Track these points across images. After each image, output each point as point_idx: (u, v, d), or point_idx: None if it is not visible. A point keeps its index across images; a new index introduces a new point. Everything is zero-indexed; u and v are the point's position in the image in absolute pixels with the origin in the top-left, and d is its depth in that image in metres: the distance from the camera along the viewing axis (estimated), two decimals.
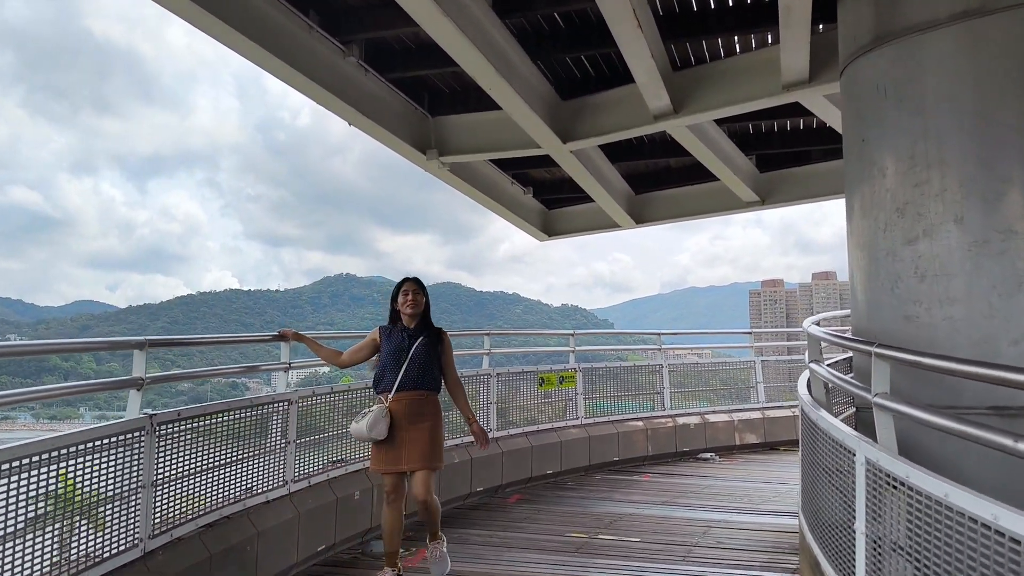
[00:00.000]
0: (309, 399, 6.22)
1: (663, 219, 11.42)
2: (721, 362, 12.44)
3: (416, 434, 5.15)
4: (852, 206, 5.32)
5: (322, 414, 6.42)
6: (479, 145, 8.48)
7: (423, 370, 5.25)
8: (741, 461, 10.82)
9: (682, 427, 11.21)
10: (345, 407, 6.84)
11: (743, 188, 9.99)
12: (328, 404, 6.51)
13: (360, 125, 7.70)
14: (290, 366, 6.21)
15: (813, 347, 5.02)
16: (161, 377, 5.32)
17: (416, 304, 5.35)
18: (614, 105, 7.84)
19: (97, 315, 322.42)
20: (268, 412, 5.75)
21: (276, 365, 6.24)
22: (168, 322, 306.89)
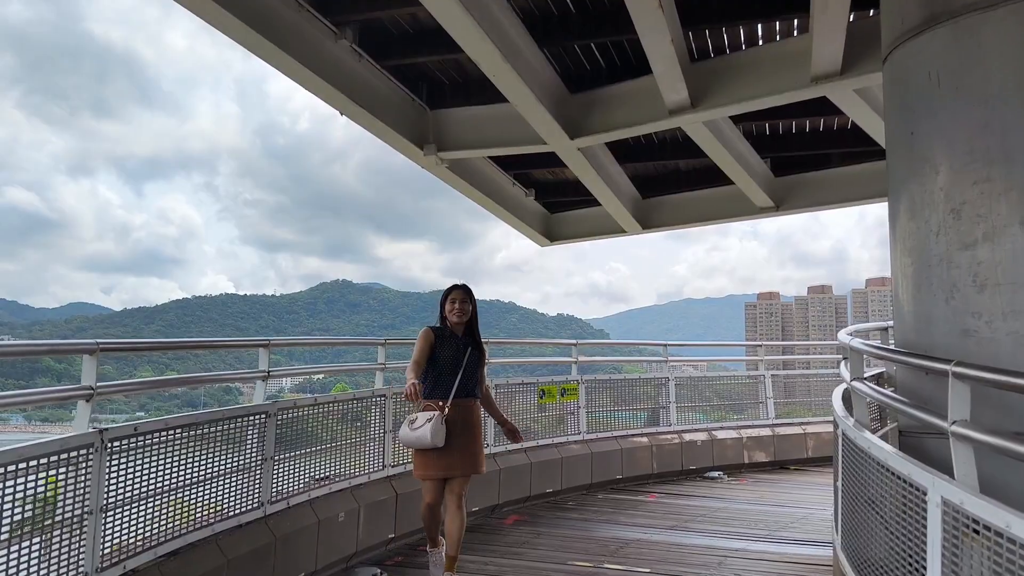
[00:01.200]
0: (290, 411, 5.65)
1: (671, 224, 10.88)
2: (729, 376, 11.88)
3: (466, 440, 5.25)
4: (897, 207, 4.77)
5: (306, 427, 5.85)
6: (480, 141, 7.93)
7: (474, 378, 5.39)
8: (751, 481, 10.24)
9: (688, 444, 10.65)
10: (334, 418, 6.28)
11: (758, 192, 9.46)
12: (312, 416, 5.94)
13: (353, 115, 7.15)
14: (268, 374, 5.64)
15: (855, 363, 4.46)
16: (113, 387, 4.73)
17: (463, 312, 5.39)
18: (626, 99, 7.30)
19: (92, 317, 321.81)
20: (242, 426, 5.18)
21: (254, 373, 5.68)
22: (163, 325, 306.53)
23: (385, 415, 6.87)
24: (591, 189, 9.51)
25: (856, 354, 4.44)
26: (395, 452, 6.96)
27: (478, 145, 7.94)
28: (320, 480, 6.06)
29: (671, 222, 10.86)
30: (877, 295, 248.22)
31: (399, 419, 7.11)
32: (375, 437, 6.74)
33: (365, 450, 6.60)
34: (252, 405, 5.31)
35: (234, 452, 5.06)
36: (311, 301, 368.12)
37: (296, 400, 5.77)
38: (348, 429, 6.41)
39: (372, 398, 6.77)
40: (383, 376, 7.25)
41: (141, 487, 4.25)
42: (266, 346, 5.65)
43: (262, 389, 5.56)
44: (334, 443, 6.18)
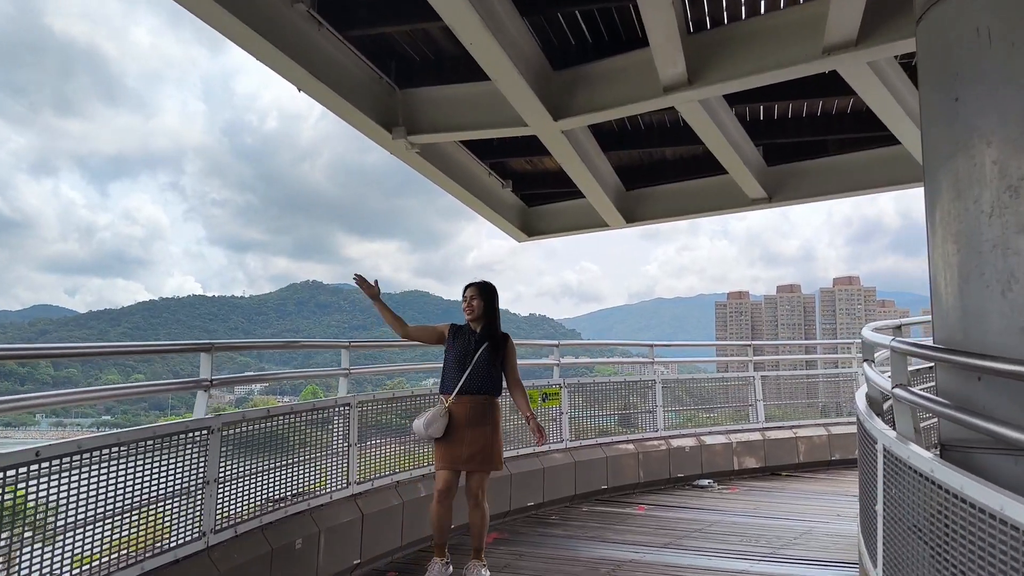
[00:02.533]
0: (237, 425, 4.91)
1: (657, 218, 10.24)
2: (718, 377, 11.29)
3: (476, 436, 5.37)
4: (937, 187, 4.14)
5: (255, 443, 5.11)
6: (454, 123, 7.23)
7: (486, 374, 5.45)
8: (743, 490, 9.64)
9: (676, 450, 10.03)
10: (299, 432, 5.56)
11: (751, 182, 8.85)
12: (263, 430, 5.20)
13: (313, 91, 6.41)
14: (211, 383, 4.89)
15: (898, 366, 3.82)
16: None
17: (471, 309, 5.62)
18: (615, 76, 6.64)
19: (56, 320, 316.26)
20: (173, 445, 4.44)
21: (193, 381, 4.93)
22: (129, 327, 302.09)
23: (350, 426, 6.16)
24: (575, 179, 8.85)
25: (899, 357, 3.80)
26: (361, 468, 6.24)
27: (452, 128, 7.24)
28: (275, 502, 5.33)
29: (657, 215, 10.23)
30: (844, 294, 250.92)
31: (365, 431, 6.40)
32: (338, 451, 6.03)
33: (327, 465, 5.89)
34: (190, 420, 4.55)
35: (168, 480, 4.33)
36: (281, 302, 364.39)
37: (245, 413, 5.01)
38: (308, 442, 5.69)
39: (335, 407, 6.04)
40: (347, 383, 6.52)
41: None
42: (209, 350, 4.89)
43: (203, 400, 4.80)
44: (290, 459, 5.46)
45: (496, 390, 5.52)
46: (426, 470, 6.90)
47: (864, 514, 4.40)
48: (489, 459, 5.42)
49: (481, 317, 5.60)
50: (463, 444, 5.34)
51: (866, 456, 4.34)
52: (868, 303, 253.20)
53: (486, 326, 5.59)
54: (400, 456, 6.74)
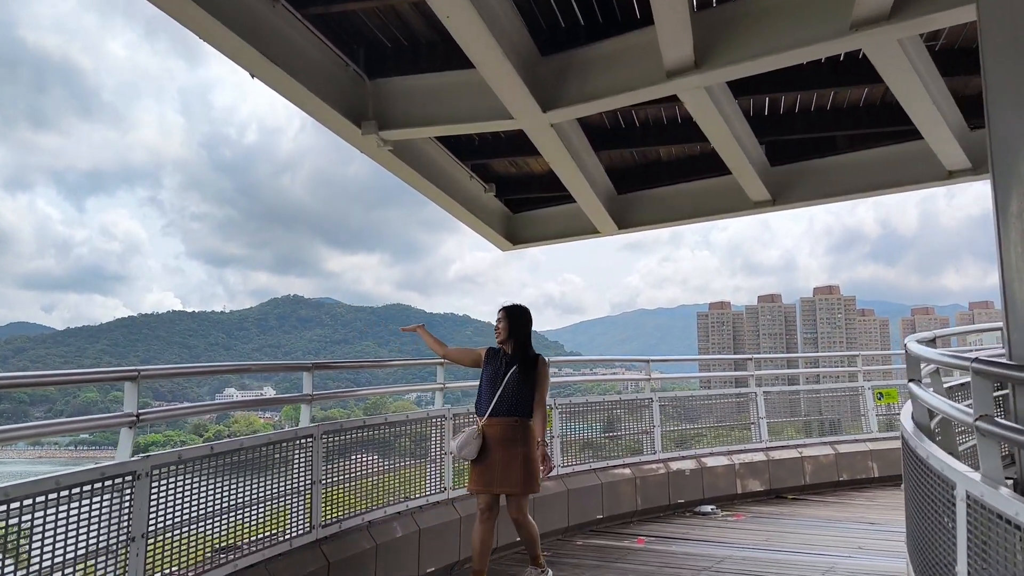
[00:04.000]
0: (171, 468, 4.09)
1: (652, 223, 9.51)
2: (718, 395, 10.56)
3: (508, 458, 5.40)
4: (1009, 177, 3.43)
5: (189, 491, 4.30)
6: (431, 116, 6.47)
7: (516, 397, 5.47)
8: (749, 517, 8.89)
9: (676, 474, 9.28)
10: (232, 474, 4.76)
11: (755, 184, 8.15)
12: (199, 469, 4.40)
13: (269, 78, 5.64)
14: (138, 418, 4.07)
15: (982, 393, 3.07)
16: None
17: (498, 332, 5.75)
18: (612, 60, 5.92)
19: (33, 337, 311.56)
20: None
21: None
22: (108, 344, 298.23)
23: (314, 460, 5.36)
24: (564, 180, 8.12)
25: (983, 381, 3.05)
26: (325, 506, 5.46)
27: (428, 122, 6.47)
28: (218, 551, 4.52)
29: (651, 220, 9.50)
30: (825, 303, 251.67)
31: (332, 461, 5.62)
32: (299, 490, 5.23)
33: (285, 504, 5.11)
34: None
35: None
36: (261, 317, 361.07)
37: (180, 454, 4.21)
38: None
39: (294, 440, 5.25)
40: (310, 410, 5.72)
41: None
42: (135, 378, 4.08)
43: (128, 439, 3.99)
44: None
45: (527, 412, 5.49)
46: (402, 505, 6.14)
47: (927, 571, 3.64)
48: (521, 481, 5.40)
49: (509, 339, 5.64)
50: (496, 467, 5.39)
51: (927, 497, 3.60)
52: (848, 312, 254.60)
53: (516, 348, 5.61)
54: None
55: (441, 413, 6.85)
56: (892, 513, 8.69)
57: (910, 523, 4.23)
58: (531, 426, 5.50)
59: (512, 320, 5.68)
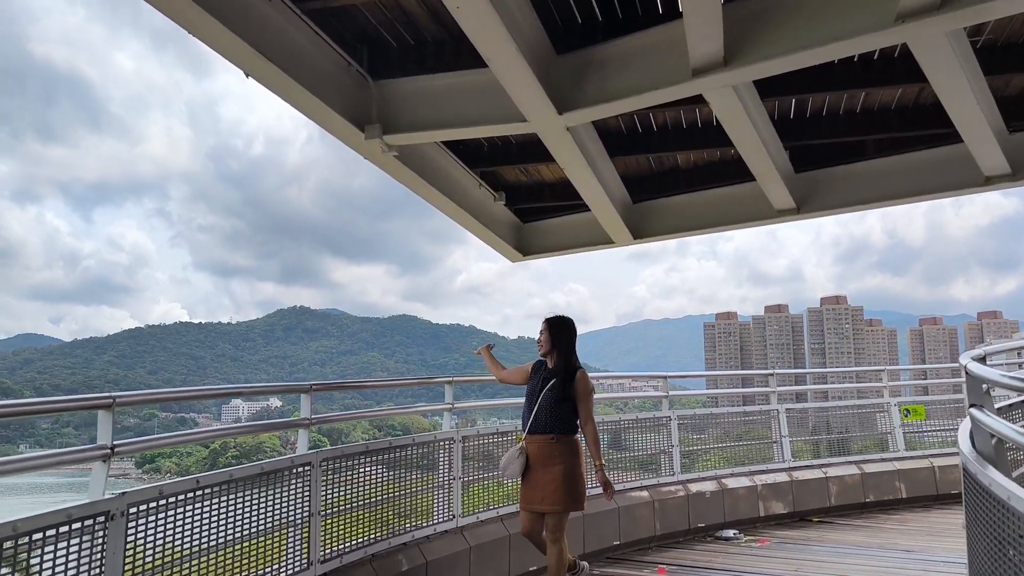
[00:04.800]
0: (151, 506, 3.68)
1: (669, 233, 9.08)
2: (738, 413, 10.11)
3: (547, 476, 5.27)
4: None
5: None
6: (439, 119, 6.06)
7: (552, 413, 5.33)
8: (775, 542, 8.43)
9: (696, 496, 8.83)
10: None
11: (780, 191, 7.73)
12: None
13: (264, 78, 5.26)
14: (112, 450, 3.66)
15: None
16: None
17: (541, 344, 5.62)
18: (633, 58, 5.52)
19: (41, 349, 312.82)
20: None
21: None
22: (116, 356, 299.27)
23: (312, 490, 4.94)
24: (579, 187, 7.71)
25: None
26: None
27: (436, 125, 6.06)
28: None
29: (668, 230, 9.07)
30: (832, 313, 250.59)
31: (332, 489, 5.20)
32: (295, 522, 4.80)
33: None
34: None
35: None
36: (268, 328, 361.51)
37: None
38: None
39: (291, 469, 4.82)
40: (308, 435, 5.31)
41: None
42: (109, 406, 3.67)
43: (103, 473, 3.58)
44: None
45: (565, 428, 5.34)
46: (407, 536, 5.71)
47: None
48: (560, 499, 5.25)
49: (551, 352, 5.53)
50: (536, 486, 5.31)
51: (992, 529, 3.17)
52: (856, 322, 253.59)
53: (558, 361, 5.49)
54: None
55: (450, 436, 6.43)
56: (926, 539, 8.23)
57: (973, 556, 3.83)
58: (574, 442, 5.39)
59: (553, 331, 5.56)
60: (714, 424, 9.89)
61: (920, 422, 10.79)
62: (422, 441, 6.14)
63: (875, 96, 7.08)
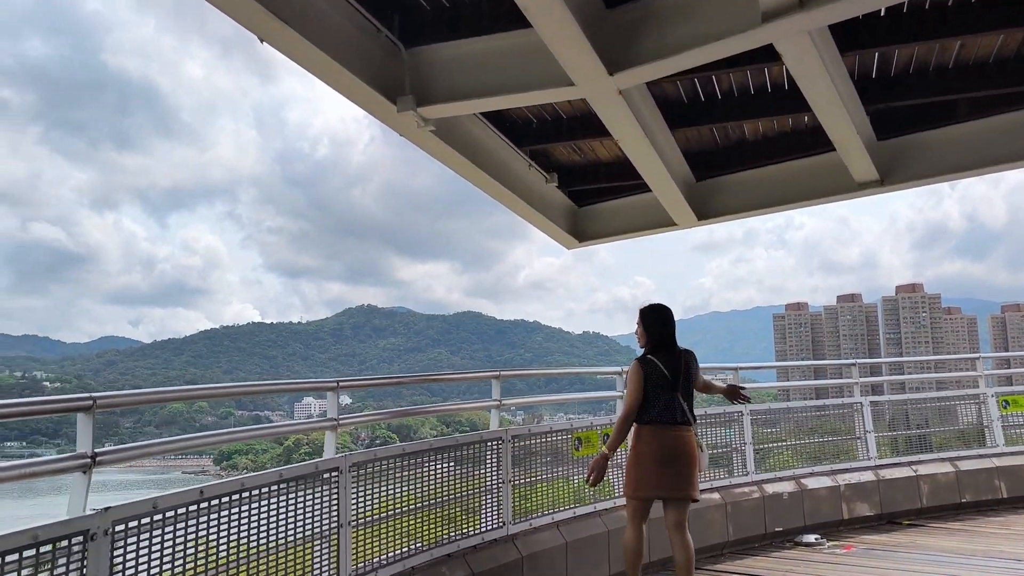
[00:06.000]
0: (140, 523, 3.22)
1: (737, 212, 8.37)
2: (817, 406, 9.32)
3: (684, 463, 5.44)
4: None
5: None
6: (477, 87, 5.51)
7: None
8: (862, 549, 7.65)
9: (772, 498, 8.10)
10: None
11: (862, 161, 6.97)
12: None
13: (283, 45, 4.79)
14: (94, 459, 3.20)
15: None
16: None
17: (640, 339, 5.60)
18: (692, 6, 4.87)
19: (122, 351, 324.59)
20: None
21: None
22: (192, 356, 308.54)
23: (340, 499, 4.46)
24: (638, 164, 7.07)
25: None
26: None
27: (475, 94, 5.51)
28: None
29: (736, 209, 8.36)
30: (908, 302, 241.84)
31: (364, 497, 4.70)
32: (321, 534, 4.32)
33: None
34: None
35: None
36: (337, 327, 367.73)
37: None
38: None
39: (316, 476, 4.34)
40: (335, 438, 4.81)
41: None
42: (89, 408, 3.21)
43: (83, 486, 3.13)
44: None
45: (680, 418, 5.42)
46: (449, 547, 5.19)
47: None
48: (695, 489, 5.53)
49: (646, 344, 5.53)
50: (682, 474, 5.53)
51: None
52: (933, 311, 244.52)
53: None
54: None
55: (498, 435, 5.88)
56: None
57: None
58: (639, 430, 5.50)
59: (642, 321, 5.57)
60: (789, 419, 9.12)
61: (1021, 414, 9.81)
62: (466, 441, 5.60)
63: (971, 48, 6.25)
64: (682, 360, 5.42)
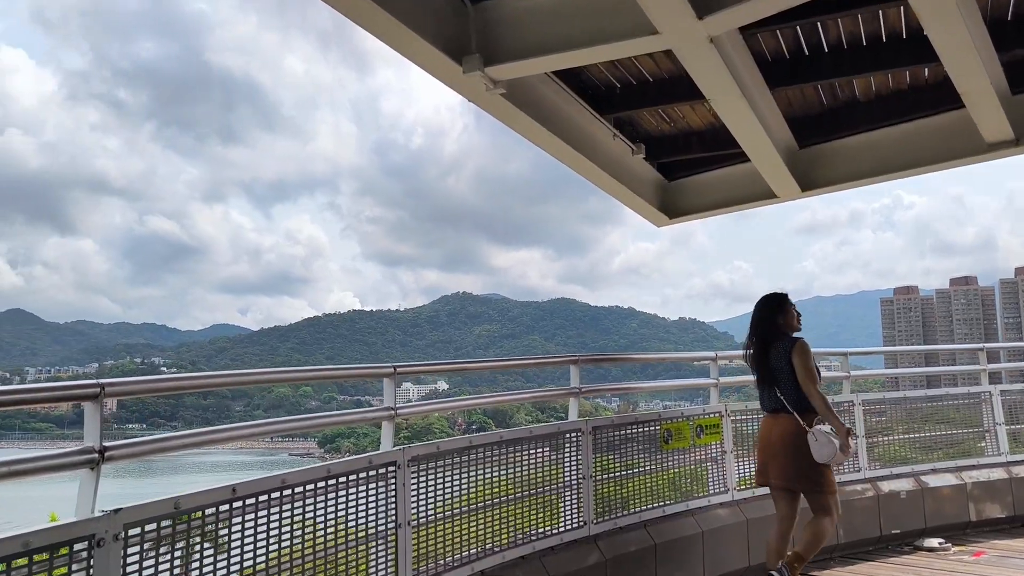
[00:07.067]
0: (157, 527, 2.86)
1: (846, 181, 7.57)
2: (938, 395, 8.41)
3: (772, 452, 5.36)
4: None
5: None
6: (550, 42, 4.97)
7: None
8: (993, 555, 6.81)
9: (888, 497, 7.32)
10: None
11: (995, 117, 6.10)
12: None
13: (340, 3, 4.37)
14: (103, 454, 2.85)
15: None
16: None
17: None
18: None
19: (232, 338, 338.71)
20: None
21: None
22: (297, 343, 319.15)
23: (399, 496, 4.03)
24: (734, 128, 6.41)
25: None
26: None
27: (547, 49, 4.97)
28: None
29: (845, 177, 7.55)
30: None
31: (425, 494, 4.27)
32: (380, 534, 3.91)
33: None
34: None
35: None
36: (433, 314, 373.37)
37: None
38: None
39: (368, 471, 3.93)
40: (392, 428, 4.39)
41: None
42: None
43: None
44: None
45: (769, 405, 5.41)
46: (527, 547, 4.72)
47: None
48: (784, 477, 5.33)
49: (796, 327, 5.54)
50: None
51: None
52: None
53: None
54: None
55: (577, 426, 5.37)
56: None
57: None
58: (780, 420, 5.36)
59: (758, 310, 5.57)
60: (905, 409, 8.23)
61: None
62: (542, 433, 5.11)
63: None
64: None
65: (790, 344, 5.29)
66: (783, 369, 5.24)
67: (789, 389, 5.21)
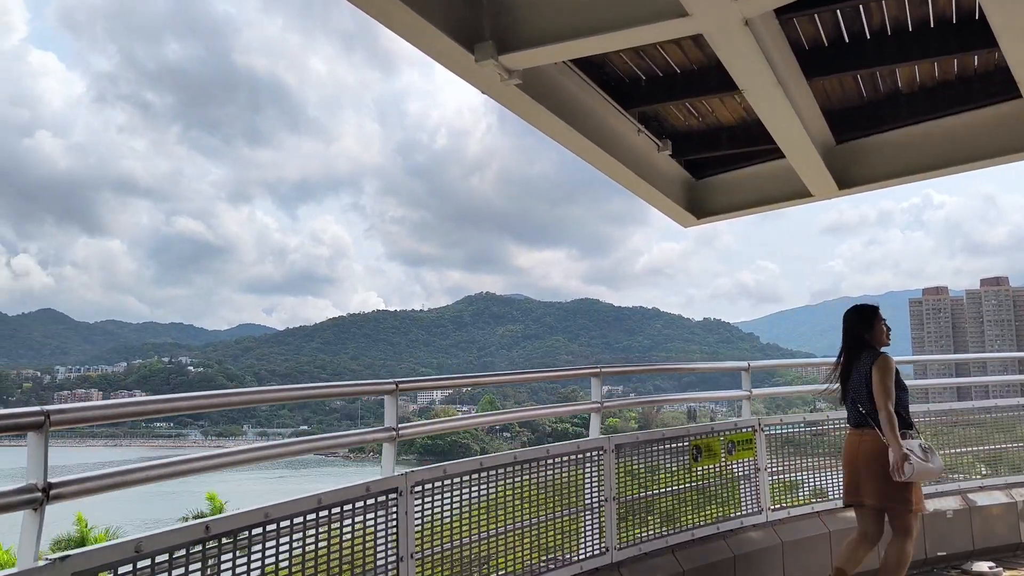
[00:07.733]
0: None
1: (887, 179, 7.09)
2: (985, 408, 7.90)
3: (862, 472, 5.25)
4: None
5: None
6: (569, 26, 4.57)
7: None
8: None
9: (934, 517, 6.82)
10: None
11: None
12: None
13: None
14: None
15: None
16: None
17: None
18: None
19: (258, 337, 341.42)
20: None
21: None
22: (322, 343, 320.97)
23: (400, 527, 3.65)
24: (767, 121, 5.96)
25: None
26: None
27: (566, 35, 4.57)
28: None
29: (886, 175, 7.09)
30: None
31: (431, 523, 3.89)
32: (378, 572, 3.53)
33: None
34: None
35: None
36: (457, 314, 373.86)
37: None
38: None
39: (365, 499, 3.55)
40: (394, 451, 4.01)
41: None
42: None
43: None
44: None
45: (853, 420, 5.30)
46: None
47: None
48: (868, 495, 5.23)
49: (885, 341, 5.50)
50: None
51: None
52: None
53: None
54: None
55: (599, 444, 4.96)
56: None
57: None
58: (861, 436, 5.25)
59: (846, 322, 5.55)
60: (947, 423, 7.73)
61: None
62: (560, 452, 4.71)
63: None
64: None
65: (873, 358, 5.14)
66: (865, 384, 5.11)
67: (872, 404, 5.09)
